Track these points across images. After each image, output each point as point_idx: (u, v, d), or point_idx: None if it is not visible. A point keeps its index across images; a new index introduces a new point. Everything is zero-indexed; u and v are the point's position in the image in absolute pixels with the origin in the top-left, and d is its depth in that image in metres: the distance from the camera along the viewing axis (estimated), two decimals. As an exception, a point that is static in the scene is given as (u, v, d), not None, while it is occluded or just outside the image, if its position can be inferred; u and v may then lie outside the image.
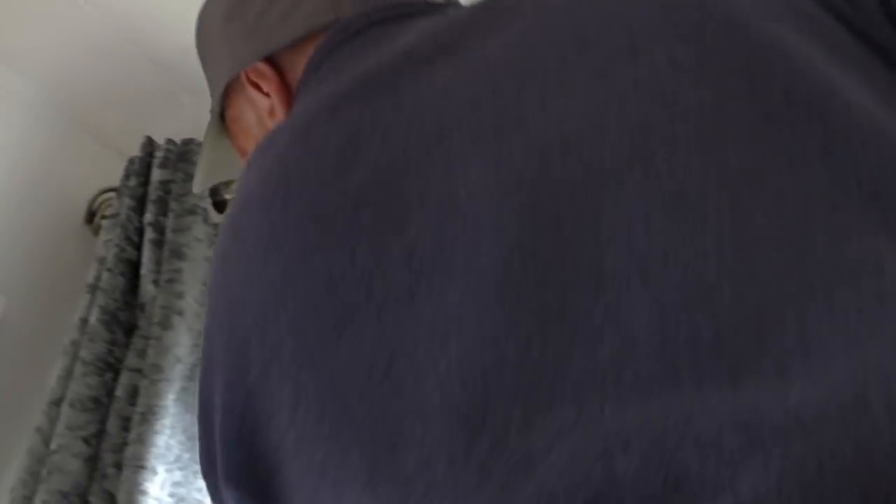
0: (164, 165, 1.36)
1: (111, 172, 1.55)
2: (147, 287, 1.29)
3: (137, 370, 1.23)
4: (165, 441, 1.20)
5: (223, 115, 0.71)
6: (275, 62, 0.62)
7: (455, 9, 0.57)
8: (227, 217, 0.50)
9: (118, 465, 1.18)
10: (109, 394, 1.23)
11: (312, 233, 0.40)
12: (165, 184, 1.36)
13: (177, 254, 1.29)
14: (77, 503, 1.15)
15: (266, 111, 0.62)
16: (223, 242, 0.49)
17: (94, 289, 1.30)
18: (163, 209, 1.35)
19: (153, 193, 1.36)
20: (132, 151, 1.46)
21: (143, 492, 1.14)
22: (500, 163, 0.36)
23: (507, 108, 0.38)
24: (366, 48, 0.51)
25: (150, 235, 1.33)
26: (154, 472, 1.16)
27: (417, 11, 0.55)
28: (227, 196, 1.41)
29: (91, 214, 1.50)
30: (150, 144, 1.42)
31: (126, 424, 1.20)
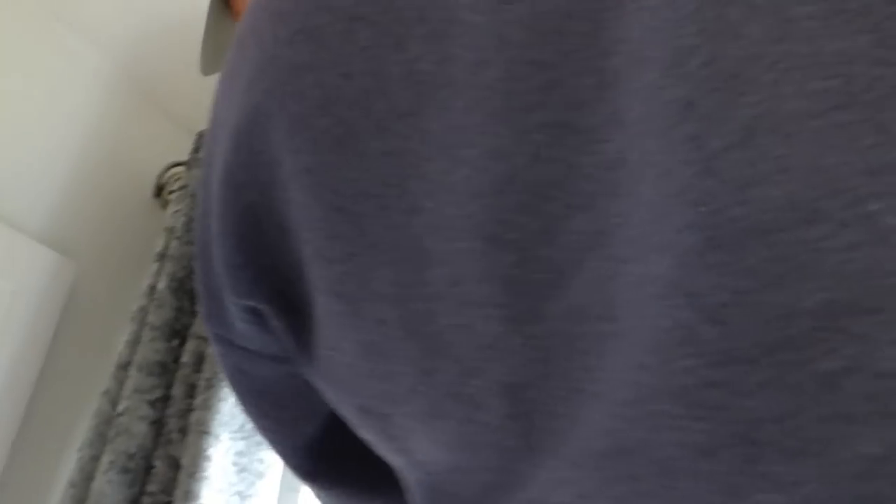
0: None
1: (179, 147, 1.56)
2: None
3: (203, 338, 1.23)
4: (230, 409, 1.19)
5: None
6: None
7: None
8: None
9: (183, 431, 1.17)
10: (176, 360, 1.23)
11: (306, 51, 0.36)
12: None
13: None
14: (142, 465, 1.15)
15: None
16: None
17: (163, 257, 1.30)
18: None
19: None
20: (200, 127, 1.46)
21: (208, 457, 1.13)
22: None
23: None
24: None
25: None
26: (217, 439, 1.15)
27: None
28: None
29: (159, 188, 1.50)
30: (221, 118, 1.41)
31: (191, 391, 1.20)
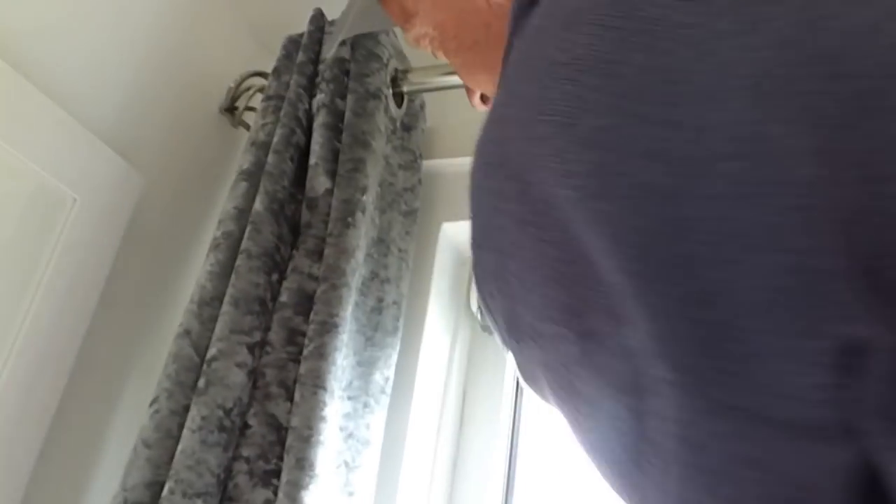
0: (340, 42, 1.12)
1: (253, 57, 1.31)
2: (318, 179, 1.05)
3: (308, 274, 1.00)
4: (341, 361, 0.97)
5: None
6: None
7: None
8: None
9: (282, 384, 0.94)
10: (274, 298, 1.00)
11: None
12: (342, 62, 1.12)
13: (359, 141, 1.06)
14: (238, 423, 0.91)
15: None
16: None
17: (251, 175, 1.07)
18: (340, 90, 1.11)
19: (327, 72, 1.12)
20: (278, 36, 1.22)
21: (323, 418, 0.90)
22: None
23: None
24: None
25: (324, 119, 1.09)
26: (332, 397, 0.93)
27: None
28: (406, 88, 1.18)
29: (232, 102, 1.26)
30: (321, 18, 1.18)
31: (292, 337, 0.97)
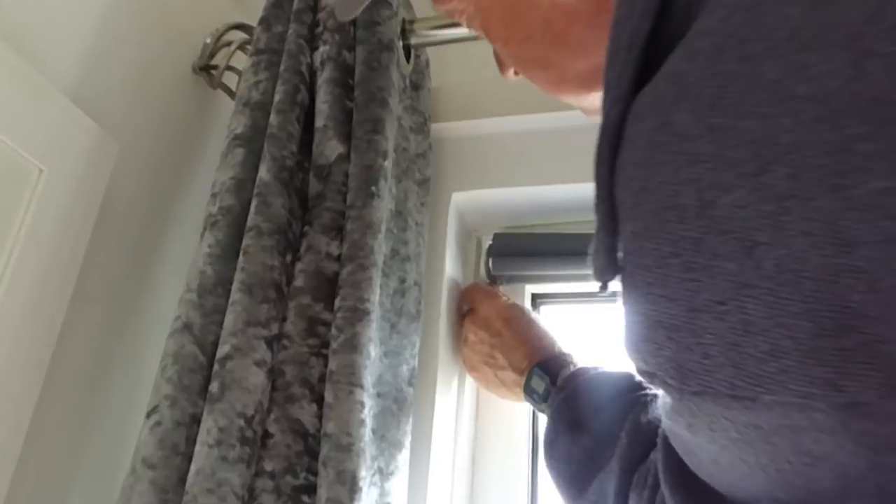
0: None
1: (230, 8, 1.14)
2: (329, 144, 0.90)
3: (326, 254, 0.85)
4: (374, 353, 0.83)
5: None
6: None
7: None
8: None
9: (306, 384, 0.79)
10: (288, 283, 0.84)
11: None
12: (346, 9, 0.96)
13: (377, 99, 0.91)
14: (259, 432, 0.76)
15: None
16: None
17: (250, 141, 0.90)
18: (346, 41, 0.95)
19: (330, 20, 0.96)
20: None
21: (363, 422, 0.76)
22: None
23: None
24: None
25: (330, 74, 0.93)
26: (369, 394, 0.78)
27: None
28: (414, 40, 1.03)
29: (209, 59, 1.08)
30: (317, -41, 1.01)
31: (312, 327, 0.82)
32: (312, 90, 0.95)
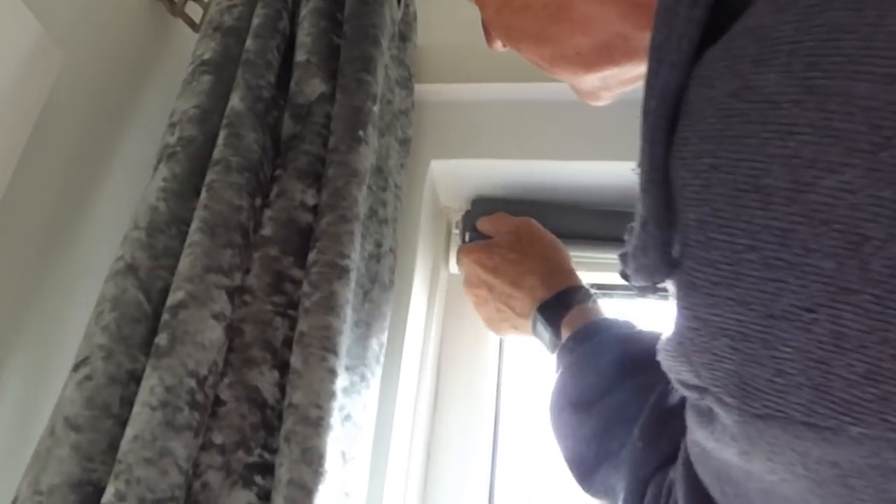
0: None
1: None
2: (311, 81, 0.79)
3: (301, 203, 0.74)
4: (350, 319, 0.72)
5: None
6: None
7: None
8: None
9: (268, 346, 0.68)
10: (255, 230, 0.72)
11: None
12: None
13: (369, 36, 0.81)
14: (211, 397, 0.64)
15: None
16: None
17: (219, 68, 0.79)
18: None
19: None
20: None
21: (333, 394, 0.65)
22: None
23: None
24: None
25: (316, 4, 0.82)
26: (341, 364, 0.67)
27: None
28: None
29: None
30: None
31: (278, 283, 0.71)
32: (294, 21, 0.83)
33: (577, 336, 0.73)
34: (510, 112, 1.00)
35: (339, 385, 0.68)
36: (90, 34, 0.82)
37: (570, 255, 0.86)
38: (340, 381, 0.69)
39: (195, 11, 0.97)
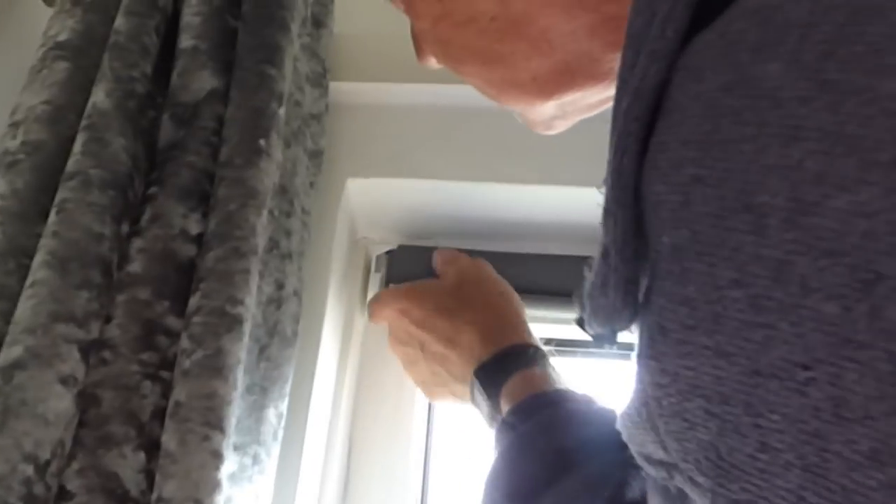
0: None
1: None
2: (199, 74, 0.78)
3: (182, 231, 0.72)
4: (241, 383, 0.70)
5: None
6: None
7: None
8: None
9: (132, 420, 0.66)
10: (120, 266, 0.70)
11: None
12: None
13: (275, 20, 0.82)
14: (54, 488, 0.61)
15: None
16: None
17: (78, 53, 0.78)
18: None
19: None
20: None
21: (218, 484, 0.63)
22: None
23: None
24: None
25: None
26: (229, 444, 0.65)
27: None
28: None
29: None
30: None
31: (149, 335, 0.68)
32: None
33: (518, 411, 0.72)
34: (449, 121, 1.00)
35: (225, 471, 0.67)
36: None
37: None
38: (227, 466, 0.68)
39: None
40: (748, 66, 0.29)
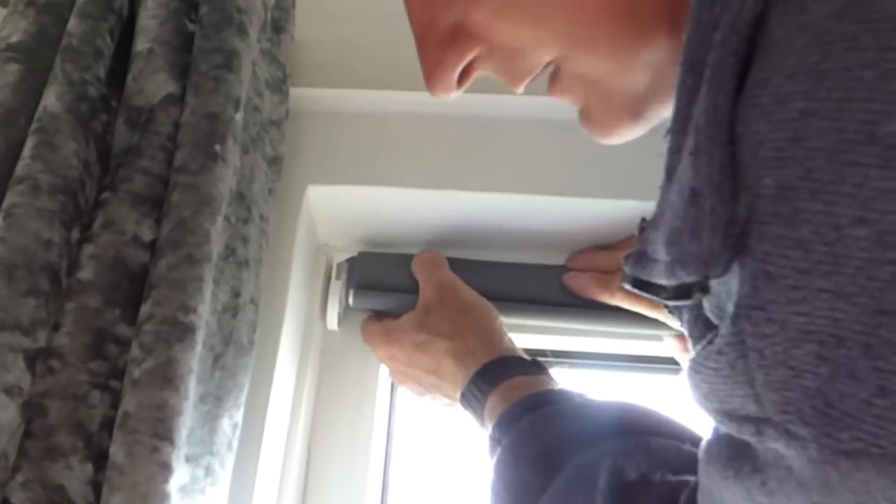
0: None
1: None
2: (155, 78, 0.77)
3: (134, 237, 0.70)
4: (193, 393, 0.68)
5: None
6: None
7: None
8: None
9: (80, 431, 0.64)
10: (70, 272, 0.68)
11: None
12: None
13: (233, 23, 0.80)
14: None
15: None
16: None
17: (30, 55, 0.77)
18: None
19: None
20: None
21: (167, 498, 0.62)
22: None
23: None
24: None
25: (166, -20, 0.80)
26: (179, 455, 0.64)
27: None
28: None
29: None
30: None
31: (99, 344, 0.67)
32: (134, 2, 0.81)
33: (500, 425, 0.73)
34: (411, 128, 0.99)
35: (175, 483, 0.65)
36: None
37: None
38: (177, 478, 0.66)
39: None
40: None
